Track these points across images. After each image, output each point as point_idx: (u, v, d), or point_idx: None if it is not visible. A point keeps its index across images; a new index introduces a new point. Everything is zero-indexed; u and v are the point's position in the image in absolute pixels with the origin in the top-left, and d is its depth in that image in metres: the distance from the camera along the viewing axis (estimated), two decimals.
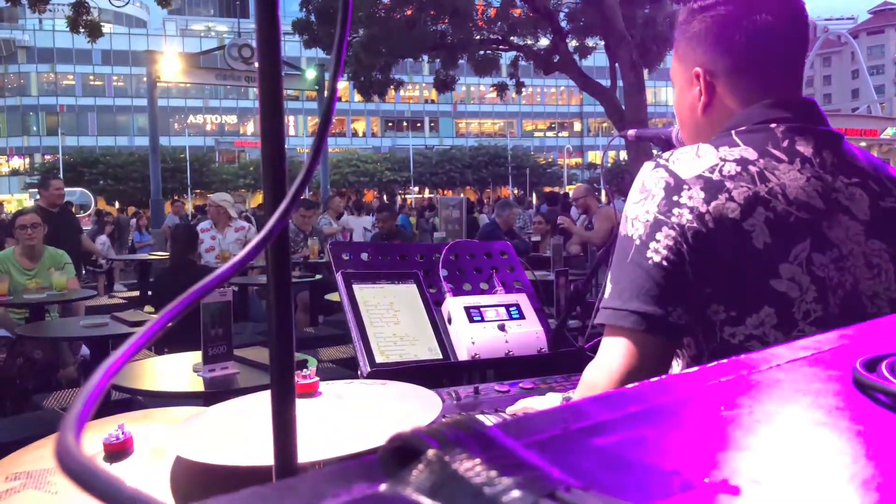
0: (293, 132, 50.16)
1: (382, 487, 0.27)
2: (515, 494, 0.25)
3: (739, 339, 0.97)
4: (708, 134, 1.10)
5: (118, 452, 1.19)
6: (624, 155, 33.64)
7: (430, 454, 0.28)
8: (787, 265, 0.96)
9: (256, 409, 1.23)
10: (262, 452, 0.93)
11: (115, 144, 47.89)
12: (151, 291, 6.02)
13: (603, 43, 14.12)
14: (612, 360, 0.99)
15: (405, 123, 56.82)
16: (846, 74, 74.65)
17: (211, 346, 2.33)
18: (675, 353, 1.04)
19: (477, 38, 15.12)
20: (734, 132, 1.05)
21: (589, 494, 0.26)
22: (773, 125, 1.04)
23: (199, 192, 39.62)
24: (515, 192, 42.99)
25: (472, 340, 1.78)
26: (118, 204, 34.93)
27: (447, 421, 0.30)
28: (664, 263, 0.97)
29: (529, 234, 8.56)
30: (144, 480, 1.13)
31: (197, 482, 1.12)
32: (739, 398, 0.42)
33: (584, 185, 7.15)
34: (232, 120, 54.10)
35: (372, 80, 15.28)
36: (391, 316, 1.79)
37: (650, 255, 0.98)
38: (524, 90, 17.39)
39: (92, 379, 0.33)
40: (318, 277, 5.88)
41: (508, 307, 1.89)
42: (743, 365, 0.47)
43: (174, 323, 0.41)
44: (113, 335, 3.38)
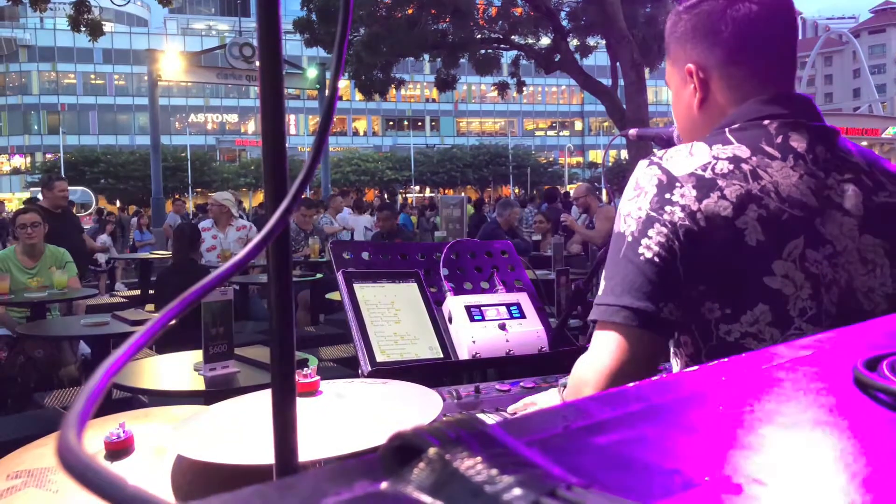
0: (294, 131, 50.18)
1: (383, 486, 0.27)
2: (516, 493, 0.25)
3: (735, 336, 0.97)
4: (704, 131, 1.10)
5: (119, 451, 1.20)
6: (625, 154, 33.64)
7: (430, 453, 0.28)
8: (780, 262, 0.96)
9: (257, 407, 1.23)
10: (262, 451, 0.93)
11: (116, 143, 47.93)
12: (153, 291, 6.02)
13: (604, 42, 14.13)
14: (603, 355, 1.00)
15: (406, 122, 56.81)
16: (847, 73, 74.63)
17: (212, 344, 2.33)
18: (666, 348, 1.05)
19: (478, 36, 15.14)
20: (728, 130, 1.05)
21: (590, 493, 0.26)
22: (766, 122, 1.04)
23: (200, 190, 39.67)
24: (517, 191, 42.98)
25: (472, 339, 1.78)
26: (119, 203, 34.97)
27: (448, 419, 0.30)
28: (655, 259, 0.97)
29: (530, 232, 8.57)
30: (145, 479, 1.14)
31: (198, 481, 1.12)
32: (740, 397, 0.42)
33: (585, 184, 7.14)
34: (233, 119, 54.12)
35: (373, 78, 15.30)
36: (392, 315, 1.79)
37: (642, 251, 0.98)
38: (525, 89, 17.41)
39: (93, 378, 0.33)
40: (318, 276, 5.88)
41: (509, 306, 1.89)
42: (743, 364, 0.47)
43: (175, 322, 0.41)
44: (114, 334, 3.38)
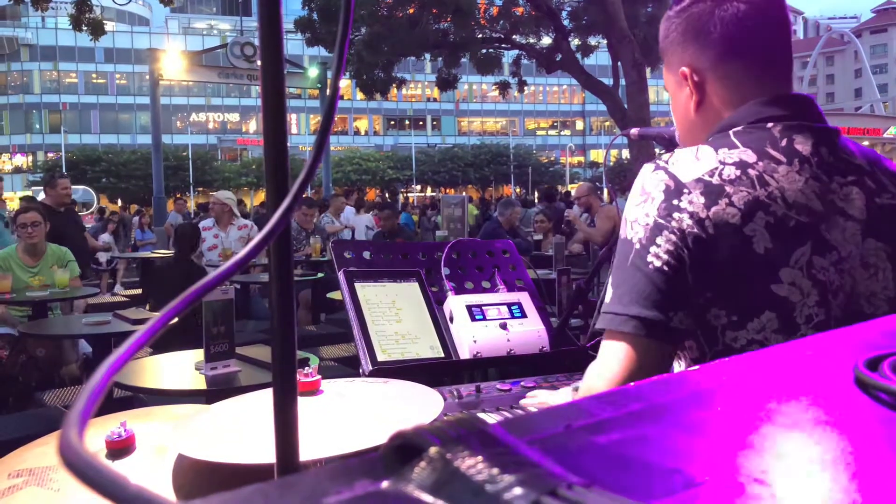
0: (295, 130, 50.13)
1: (384, 485, 0.27)
2: (517, 492, 0.25)
3: (741, 343, 0.96)
4: (703, 134, 1.10)
5: (120, 450, 1.20)
6: (626, 154, 33.65)
7: (432, 452, 0.28)
8: (787, 270, 0.95)
9: (258, 407, 1.23)
10: (263, 450, 0.93)
11: (117, 142, 47.92)
12: (149, 289, 6.01)
13: (605, 41, 14.12)
14: (612, 364, 0.99)
15: (407, 122, 56.78)
16: (849, 73, 74.55)
17: (213, 343, 2.33)
18: (675, 356, 1.04)
19: (479, 36, 15.13)
20: (732, 133, 1.04)
21: (590, 492, 0.26)
22: (770, 124, 1.03)
23: (201, 189, 39.66)
24: (518, 190, 42.96)
25: (473, 339, 1.78)
26: (120, 202, 34.98)
27: (449, 419, 0.30)
28: (665, 268, 0.96)
29: (529, 232, 8.56)
30: (146, 478, 1.14)
31: (199, 480, 1.12)
32: (741, 396, 0.42)
33: (586, 183, 7.14)
34: (234, 118, 54.12)
35: (374, 78, 15.29)
36: (393, 314, 1.79)
37: (651, 259, 0.97)
38: (526, 89, 17.40)
39: (94, 377, 0.33)
40: (320, 276, 5.89)
41: (510, 306, 1.89)
42: (744, 363, 0.47)
43: (176, 321, 0.41)
44: (115, 333, 3.38)
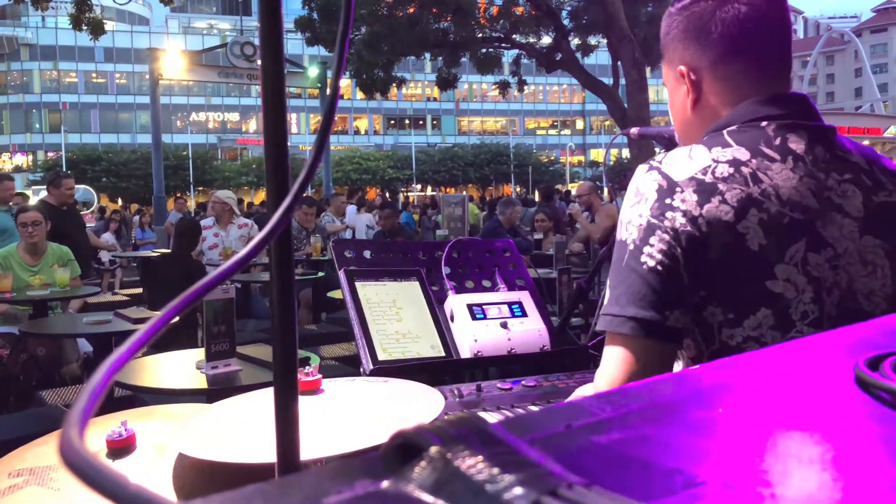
0: (296, 130, 50.12)
1: (385, 484, 0.27)
2: (517, 492, 0.25)
3: (738, 340, 0.96)
4: (699, 132, 1.10)
5: (121, 449, 1.20)
6: (626, 153, 33.63)
7: (432, 451, 0.28)
8: (782, 266, 0.95)
9: (259, 406, 1.24)
10: (264, 449, 0.93)
11: (117, 142, 47.91)
12: (147, 285, 6.01)
13: (605, 41, 14.12)
14: (613, 366, 1.00)
15: (407, 121, 56.76)
16: (849, 73, 74.50)
17: (214, 343, 2.33)
18: (675, 355, 1.04)
19: (479, 35, 15.12)
20: (726, 132, 1.04)
21: (591, 492, 0.26)
22: (764, 123, 1.03)
23: (201, 189, 39.68)
24: (518, 189, 42.95)
25: (474, 338, 1.78)
26: (121, 201, 34.99)
27: (450, 418, 0.30)
28: (658, 268, 0.97)
29: (529, 231, 8.55)
30: (147, 477, 1.14)
31: (199, 479, 1.12)
32: (741, 396, 0.42)
33: (588, 182, 7.15)
34: (234, 117, 54.11)
35: (374, 77, 15.29)
36: (394, 313, 1.79)
37: (644, 259, 0.98)
38: (526, 88, 17.38)
39: (95, 376, 0.33)
40: (320, 275, 5.88)
41: (511, 305, 1.89)
42: (744, 363, 0.47)
43: (177, 320, 0.41)
44: (116, 332, 3.38)
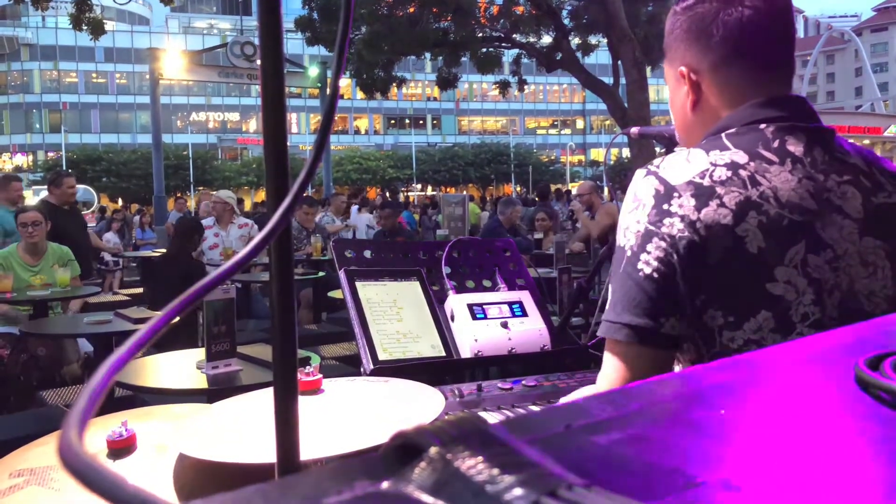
0: (296, 130, 50.11)
1: (385, 485, 0.27)
2: (517, 492, 0.25)
3: (738, 343, 0.96)
4: (699, 133, 1.09)
5: (122, 449, 1.20)
6: (627, 152, 33.61)
7: (432, 452, 0.28)
8: (782, 268, 0.95)
9: (259, 406, 1.24)
10: (264, 450, 0.93)
11: (117, 142, 47.93)
12: (147, 285, 6.01)
13: (606, 40, 14.11)
14: (611, 372, 1.01)
15: (408, 121, 56.75)
16: (849, 72, 74.48)
17: (214, 343, 2.33)
18: (672, 361, 1.04)
19: (479, 35, 15.11)
20: (724, 135, 1.04)
21: (591, 492, 0.26)
22: (762, 126, 1.03)
23: (201, 189, 39.65)
24: (518, 189, 42.95)
25: (474, 338, 1.78)
26: (121, 201, 35.00)
27: (450, 418, 0.30)
28: (654, 275, 0.97)
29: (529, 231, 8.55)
30: (147, 477, 1.14)
31: (200, 479, 1.12)
32: (741, 396, 0.42)
33: (589, 182, 7.15)
34: (234, 117, 54.11)
35: (374, 77, 15.28)
36: (394, 313, 1.79)
37: (641, 266, 0.98)
38: (527, 88, 17.37)
39: (95, 376, 0.33)
40: (320, 275, 5.88)
41: (511, 304, 1.89)
42: (744, 363, 0.47)
43: (177, 320, 0.41)
44: (116, 332, 3.38)
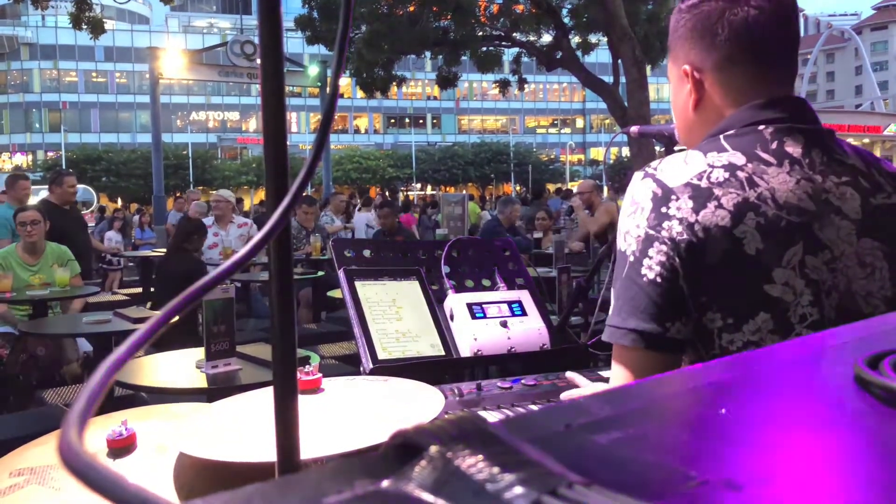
0: (295, 129, 50.09)
1: (385, 484, 0.27)
2: (518, 491, 0.25)
3: (738, 345, 0.96)
4: (701, 132, 1.09)
5: (122, 448, 1.20)
6: (626, 151, 33.61)
7: (432, 451, 0.28)
8: (780, 270, 0.95)
9: (259, 405, 1.24)
10: (264, 449, 0.93)
11: (117, 141, 47.90)
12: (150, 286, 6.01)
13: (606, 39, 14.10)
14: (618, 376, 1.02)
15: (407, 120, 56.73)
16: (849, 71, 74.46)
17: (214, 342, 2.33)
18: (678, 365, 1.05)
19: (479, 34, 15.10)
20: (722, 136, 1.04)
21: (591, 491, 0.26)
22: (761, 127, 1.03)
23: (201, 188, 39.64)
24: (518, 188, 42.94)
25: (474, 337, 1.78)
26: (121, 201, 34.99)
27: (450, 417, 0.30)
28: (658, 280, 0.97)
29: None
30: (147, 477, 1.14)
31: (200, 478, 1.12)
32: (741, 396, 0.42)
33: (589, 180, 7.16)
34: (234, 116, 54.09)
35: (374, 76, 15.26)
36: (393, 312, 1.79)
37: (644, 271, 0.98)
38: (527, 87, 17.35)
39: (95, 375, 0.33)
40: (320, 274, 5.88)
41: (511, 304, 1.89)
42: (744, 362, 0.47)
43: (176, 320, 0.41)
44: (116, 332, 3.38)
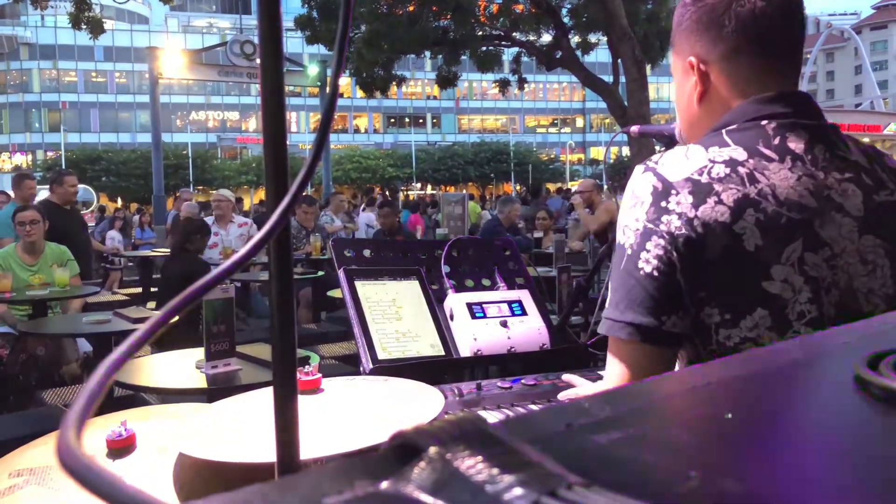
0: (295, 129, 50.07)
1: (384, 485, 0.27)
2: (517, 492, 0.25)
3: (735, 341, 0.96)
4: (705, 126, 1.09)
5: (121, 449, 1.20)
6: (626, 151, 33.60)
7: (431, 452, 0.27)
8: (779, 266, 0.95)
9: (259, 405, 1.23)
10: (264, 449, 0.93)
11: (117, 141, 47.92)
12: (152, 285, 6.02)
13: (605, 39, 14.10)
14: (615, 370, 1.02)
15: (407, 120, 56.73)
16: (849, 70, 74.44)
17: (213, 342, 2.33)
18: (675, 358, 1.05)
19: (479, 33, 15.11)
20: (724, 132, 1.03)
21: (591, 492, 0.25)
22: (764, 122, 1.03)
23: (201, 188, 39.65)
24: (518, 188, 42.94)
25: (474, 337, 1.78)
26: (120, 201, 35.00)
27: (449, 418, 0.30)
28: (655, 273, 0.97)
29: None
30: (147, 477, 1.14)
31: (199, 479, 1.12)
32: (741, 395, 0.42)
33: (590, 179, 7.17)
34: (234, 116, 54.09)
35: (374, 76, 15.27)
36: (393, 312, 1.79)
37: (641, 265, 0.98)
38: (526, 86, 17.35)
39: (94, 376, 0.33)
40: (320, 274, 5.88)
41: (511, 303, 1.89)
42: (744, 362, 0.47)
43: (176, 319, 0.41)
44: (116, 332, 3.38)
